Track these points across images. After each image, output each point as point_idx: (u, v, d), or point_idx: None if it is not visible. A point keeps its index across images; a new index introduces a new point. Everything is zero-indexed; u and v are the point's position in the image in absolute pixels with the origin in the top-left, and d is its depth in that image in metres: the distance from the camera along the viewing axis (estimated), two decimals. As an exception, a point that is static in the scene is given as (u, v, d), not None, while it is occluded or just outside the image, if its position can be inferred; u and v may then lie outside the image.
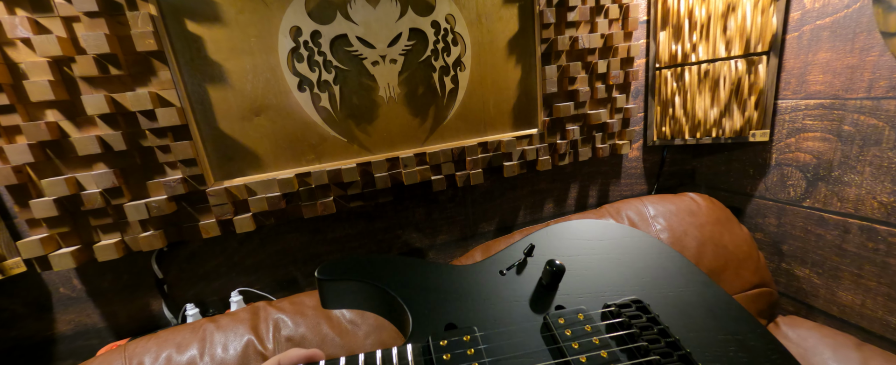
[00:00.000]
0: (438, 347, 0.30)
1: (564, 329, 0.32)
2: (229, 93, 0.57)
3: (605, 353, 0.30)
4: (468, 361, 0.29)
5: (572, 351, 0.30)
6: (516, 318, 0.35)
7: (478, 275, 0.39)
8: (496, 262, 0.41)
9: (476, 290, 0.37)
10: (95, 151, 0.52)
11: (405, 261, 0.40)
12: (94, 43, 0.49)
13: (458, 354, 0.29)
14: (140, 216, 0.55)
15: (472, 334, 0.31)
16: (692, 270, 0.42)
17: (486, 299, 0.36)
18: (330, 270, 0.38)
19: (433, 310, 0.35)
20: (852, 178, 0.67)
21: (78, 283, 0.59)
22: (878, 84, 0.61)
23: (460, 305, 0.35)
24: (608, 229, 0.46)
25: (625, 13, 0.75)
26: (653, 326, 0.33)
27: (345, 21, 0.60)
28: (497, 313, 0.35)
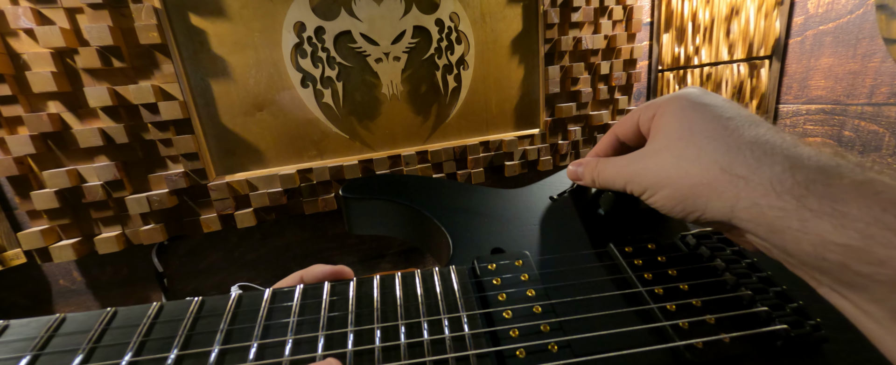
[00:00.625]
0: (486, 271, 0.26)
1: (633, 258, 0.28)
2: (232, 87, 0.57)
3: (686, 285, 0.26)
4: (522, 287, 0.25)
5: (646, 282, 0.26)
6: (574, 246, 0.30)
7: (525, 199, 0.34)
8: (545, 187, 0.36)
9: (524, 214, 0.32)
10: (97, 144, 0.52)
11: (440, 181, 0.36)
12: (98, 35, 0.49)
13: (509, 279, 0.25)
14: (141, 209, 0.54)
15: (525, 259, 0.27)
16: None
17: (535, 225, 0.31)
18: (356, 188, 0.34)
19: (476, 233, 0.30)
20: (851, 183, 0.67)
21: (78, 275, 0.59)
22: (879, 90, 0.61)
23: (507, 230, 0.31)
24: None
25: (629, 15, 0.75)
26: (740, 260, 0.28)
27: (349, 17, 0.59)
28: (550, 240, 0.30)
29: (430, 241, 0.33)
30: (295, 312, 0.22)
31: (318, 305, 0.23)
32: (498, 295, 0.24)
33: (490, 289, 0.25)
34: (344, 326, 0.22)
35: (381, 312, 0.22)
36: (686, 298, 0.25)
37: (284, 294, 0.23)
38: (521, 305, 0.24)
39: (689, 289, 0.26)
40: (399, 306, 0.23)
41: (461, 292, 0.24)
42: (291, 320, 0.22)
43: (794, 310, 0.25)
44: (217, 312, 0.22)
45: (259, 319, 0.21)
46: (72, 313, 0.23)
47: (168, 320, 0.22)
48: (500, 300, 0.24)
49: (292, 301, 0.23)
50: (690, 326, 0.23)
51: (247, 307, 0.23)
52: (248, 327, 0.21)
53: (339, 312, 0.22)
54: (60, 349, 0.20)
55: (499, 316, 0.23)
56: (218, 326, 0.21)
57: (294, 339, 0.21)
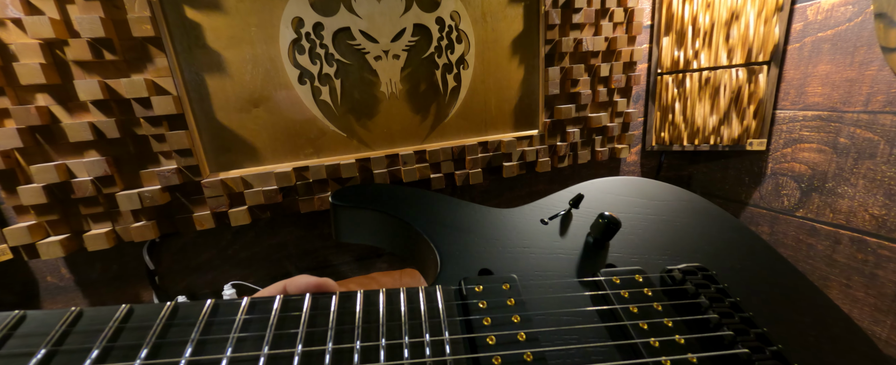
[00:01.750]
0: (473, 292, 0.25)
1: (620, 290, 0.28)
2: (227, 83, 0.56)
3: (670, 321, 0.26)
4: (508, 313, 0.24)
5: (630, 315, 0.26)
6: (561, 272, 0.29)
7: (516, 220, 0.34)
8: (536, 209, 0.36)
9: (514, 236, 0.32)
10: (87, 138, 0.50)
11: (433, 195, 0.35)
12: (89, 26, 0.47)
13: (495, 303, 0.25)
14: (132, 206, 0.53)
15: (512, 283, 0.26)
16: (762, 246, 0.36)
17: (525, 248, 0.31)
18: (347, 196, 0.33)
19: (465, 252, 0.30)
20: (846, 190, 0.68)
21: (66, 272, 0.58)
22: (875, 98, 0.62)
23: (496, 251, 0.30)
24: (661, 189, 0.41)
25: (629, 17, 0.75)
26: (723, 298, 0.28)
27: (348, 14, 0.59)
28: (538, 265, 0.30)
29: (417, 255, 0.33)
30: (272, 324, 0.21)
31: (297, 319, 0.22)
32: (483, 319, 0.24)
33: (475, 312, 0.24)
34: (323, 344, 0.21)
35: (363, 329, 0.22)
36: (669, 335, 0.25)
37: (263, 304, 0.22)
38: (505, 331, 0.23)
39: (672, 325, 0.26)
40: (381, 325, 0.22)
41: (446, 314, 0.24)
42: (268, 334, 0.20)
43: (773, 354, 0.25)
44: (190, 320, 0.21)
45: (233, 330, 0.20)
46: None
47: (136, 327, 0.20)
48: (485, 325, 0.24)
49: (270, 312, 0.22)
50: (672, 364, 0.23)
51: (223, 316, 0.21)
52: (220, 339, 0.20)
53: (319, 327, 0.21)
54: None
55: (482, 342, 0.22)
56: (189, 335, 0.20)
57: (269, 353, 0.19)
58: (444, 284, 0.26)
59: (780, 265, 0.35)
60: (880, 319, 0.66)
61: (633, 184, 0.41)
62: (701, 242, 0.36)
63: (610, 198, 0.39)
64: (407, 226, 0.32)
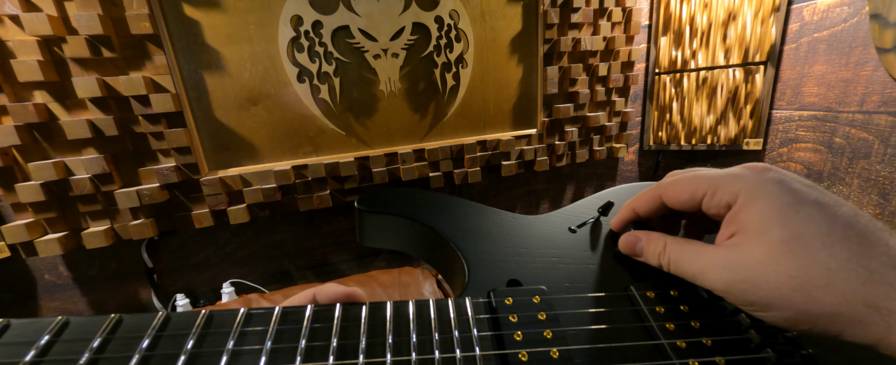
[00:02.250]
0: (503, 306, 0.24)
1: (655, 305, 0.26)
2: (226, 81, 0.56)
3: (709, 340, 0.24)
4: (540, 328, 0.23)
5: (668, 333, 0.25)
6: (591, 284, 0.28)
7: (544, 228, 0.33)
8: (564, 216, 0.35)
9: (543, 245, 0.31)
10: (85, 136, 0.50)
11: (458, 200, 0.35)
12: (87, 23, 0.47)
13: (526, 317, 0.24)
14: (131, 204, 0.53)
15: (543, 296, 0.26)
16: None
17: (553, 257, 0.30)
18: (372, 201, 0.33)
19: (493, 261, 0.29)
20: (841, 189, 0.68)
21: (64, 270, 0.58)
22: (870, 98, 0.62)
23: (524, 260, 0.30)
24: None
25: (628, 17, 0.75)
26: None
27: (347, 12, 0.59)
28: (568, 276, 0.29)
29: (443, 262, 0.33)
30: (305, 335, 0.21)
31: (329, 330, 0.22)
32: (514, 334, 0.23)
33: (506, 327, 0.24)
34: (355, 357, 0.20)
35: (394, 343, 0.22)
36: (710, 356, 0.24)
37: (295, 313, 0.22)
38: (538, 348, 0.23)
39: (712, 344, 0.24)
40: (412, 340, 0.22)
41: (476, 329, 0.23)
42: (300, 344, 0.21)
43: (804, 357, 0.24)
44: (224, 329, 0.21)
45: (267, 339, 0.20)
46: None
47: (172, 335, 0.20)
48: (516, 340, 0.23)
49: (302, 323, 0.22)
50: None
51: (256, 325, 0.21)
52: (255, 350, 0.20)
53: (351, 340, 0.21)
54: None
55: (515, 358, 0.22)
56: (225, 344, 0.20)
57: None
58: (472, 295, 0.26)
59: None
60: (874, 316, 0.67)
61: None
62: None
63: None
64: (433, 232, 0.32)
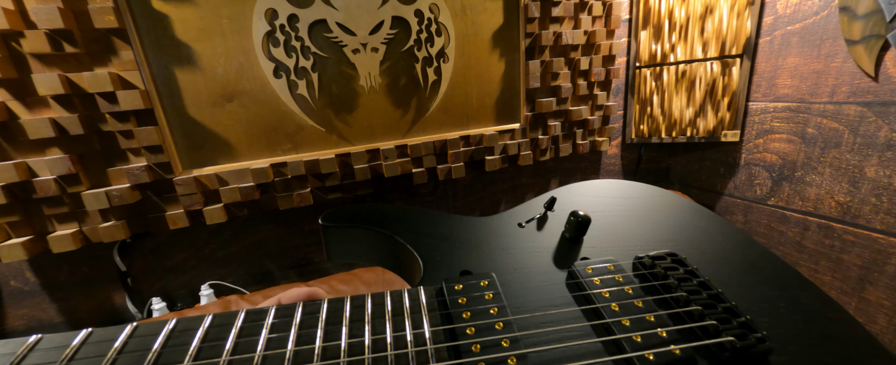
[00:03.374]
0: (453, 291, 0.27)
1: (592, 278, 0.29)
2: (199, 76, 0.54)
3: (640, 302, 0.27)
4: (486, 306, 0.26)
5: (602, 299, 0.28)
6: (538, 268, 0.32)
7: (494, 226, 0.36)
8: (514, 215, 0.38)
9: (493, 240, 0.34)
10: (48, 135, 0.48)
11: (415, 210, 0.38)
12: (46, 17, 0.45)
13: (474, 298, 0.26)
14: (100, 205, 0.51)
15: (490, 280, 0.28)
16: (731, 229, 0.38)
17: (503, 250, 0.33)
18: (335, 217, 0.35)
19: (446, 257, 0.32)
20: (813, 178, 0.70)
21: (31, 275, 0.56)
22: (840, 89, 0.64)
23: (476, 254, 0.33)
24: (635, 188, 0.43)
25: (608, 11, 0.76)
26: (691, 278, 0.30)
27: (324, 6, 0.57)
28: (516, 264, 0.32)
29: (403, 266, 0.35)
30: (267, 328, 0.23)
31: (289, 323, 0.24)
32: (462, 312, 0.25)
33: (455, 307, 0.26)
34: (312, 343, 0.23)
35: (350, 328, 0.24)
36: (640, 314, 0.27)
37: (257, 313, 0.24)
38: (483, 320, 0.25)
39: (643, 305, 0.27)
40: (367, 323, 0.24)
41: (427, 310, 0.25)
42: (261, 337, 0.23)
43: (741, 324, 0.27)
44: (190, 328, 0.23)
45: (229, 337, 0.23)
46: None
47: (134, 349, 0.22)
48: (465, 317, 0.25)
49: (264, 319, 0.24)
50: (643, 340, 0.25)
51: (220, 323, 0.24)
52: (219, 345, 0.22)
53: (309, 329, 0.24)
54: None
55: (462, 332, 0.24)
56: (191, 342, 0.22)
57: (264, 354, 0.22)
58: (426, 286, 0.28)
59: (751, 247, 0.37)
60: (845, 301, 0.69)
61: (606, 185, 0.44)
62: (673, 232, 0.38)
63: (584, 199, 0.42)
64: (391, 239, 0.34)
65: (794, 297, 0.31)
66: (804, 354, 0.26)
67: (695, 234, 0.37)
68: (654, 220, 0.39)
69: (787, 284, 0.33)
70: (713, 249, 0.36)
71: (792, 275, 0.34)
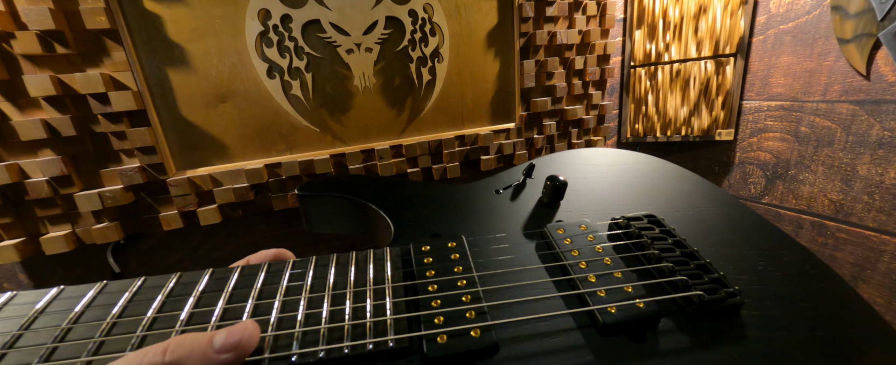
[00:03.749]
0: (419, 251, 0.27)
1: (563, 238, 0.29)
2: (192, 77, 0.54)
3: (609, 259, 0.27)
4: (451, 264, 0.26)
5: (571, 258, 0.28)
6: (509, 230, 0.31)
7: (470, 192, 0.36)
8: (491, 182, 0.38)
9: (467, 205, 0.34)
10: (40, 137, 0.48)
11: (391, 179, 0.38)
12: (37, 18, 0.45)
13: (440, 258, 0.26)
14: (93, 207, 0.51)
15: (458, 241, 0.28)
16: (716, 191, 0.38)
17: (477, 214, 0.33)
18: (310, 186, 0.36)
19: (417, 222, 0.32)
20: (807, 176, 0.71)
21: (24, 277, 0.55)
22: (832, 88, 0.64)
23: (448, 219, 0.32)
24: (620, 155, 0.43)
25: (602, 10, 0.76)
26: (666, 237, 0.30)
27: (317, 6, 0.57)
28: (488, 227, 0.32)
29: (377, 232, 0.35)
30: (230, 286, 0.24)
31: (253, 279, 0.25)
32: (426, 271, 0.26)
33: (420, 265, 0.26)
34: (273, 297, 0.23)
35: (310, 285, 0.24)
36: (608, 270, 0.27)
37: (223, 272, 0.26)
38: (446, 277, 0.25)
39: (611, 262, 0.27)
40: (328, 282, 0.24)
41: (391, 268, 0.26)
42: (224, 292, 0.24)
43: (713, 280, 0.27)
44: (158, 285, 0.25)
45: (194, 293, 0.24)
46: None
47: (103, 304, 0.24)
48: (428, 275, 0.25)
49: (230, 277, 0.25)
50: (607, 294, 0.25)
51: (187, 280, 0.25)
52: (183, 297, 0.24)
53: (272, 285, 0.24)
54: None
55: (423, 288, 0.24)
56: (156, 296, 0.24)
57: (224, 307, 0.23)
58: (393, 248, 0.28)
59: (736, 209, 0.36)
60: (839, 298, 0.69)
61: (589, 152, 0.43)
62: (654, 196, 0.37)
63: (566, 167, 0.42)
64: (365, 206, 0.34)
65: (776, 255, 0.31)
66: (778, 308, 0.26)
67: (677, 196, 0.37)
68: (635, 185, 0.39)
69: (770, 244, 0.32)
70: (694, 211, 0.35)
71: (776, 234, 0.33)
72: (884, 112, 0.59)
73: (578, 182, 0.38)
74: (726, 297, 0.25)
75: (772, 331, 0.24)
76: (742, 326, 0.24)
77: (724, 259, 0.30)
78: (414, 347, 0.21)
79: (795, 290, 0.28)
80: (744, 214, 0.36)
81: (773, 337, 0.24)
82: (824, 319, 0.25)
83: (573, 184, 0.37)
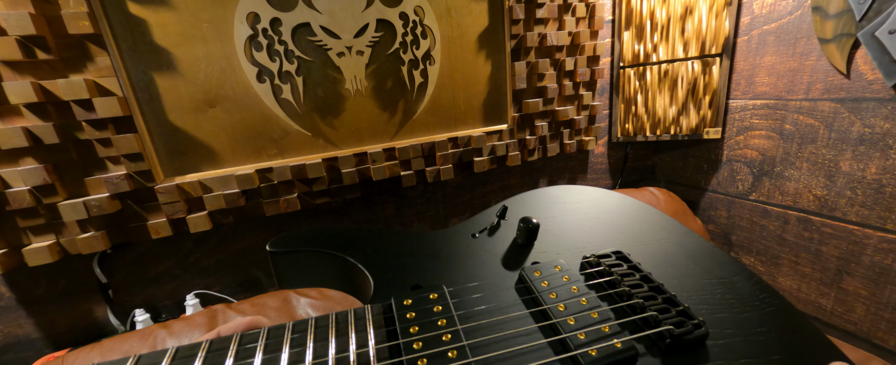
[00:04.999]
0: (401, 306, 0.27)
1: (540, 281, 0.30)
2: (180, 82, 0.53)
3: (585, 300, 0.28)
4: (434, 318, 0.26)
5: (549, 301, 0.28)
6: (489, 276, 0.32)
7: (447, 239, 0.37)
8: (467, 226, 0.39)
9: (445, 252, 0.35)
10: (22, 145, 0.46)
11: (364, 229, 0.37)
12: (17, 23, 0.44)
13: (423, 311, 0.26)
14: (77, 216, 0.50)
15: (440, 292, 0.28)
16: (672, 224, 0.41)
17: (456, 261, 0.34)
18: (282, 242, 0.35)
19: (397, 273, 0.32)
20: (792, 173, 0.72)
21: (6, 290, 0.54)
22: (815, 87, 0.66)
23: (427, 267, 0.33)
24: (584, 192, 0.45)
25: (591, 12, 0.77)
26: (634, 273, 0.32)
27: (307, 9, 0.57)
28: (468, 273, 0.32)
29: (356, 285, 0.35)
30: (200, 358, 0.22)
31: (223, 355, 0.22)
32: (410, 327, 0.25)
33: (403, 322, 0.26)
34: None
35: (291, 355, 0.23)
36: (585, 311, 0.28)
37: (188, 348, 0.23)
38: (431, 333, 0.25)
39: (588, 302, 0.29)
40: (307, 356, 0.23)
41: (374, 327, 0.25)
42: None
43: (679, 312, 0.28)
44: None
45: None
46: None
47: None
48: (412, 332, 0.25)
49: (195, 356, 0.22)
50: (587, 336, 0.26)
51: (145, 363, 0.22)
52: None
53: (245, 360, 0.22)
54: None
55: (408, 346, 0.24)
56: None
57: None
58: (377, 303, 0.28)
59: (689, 239, 0.39)
60: (825, 291, 0.71)
61: (556, 191, 0.46)
62: (619, 231, 0.40)
63: (536, 207, 0.43)
64: (340, 260, 0.34)
65: (729, 282, 0.33)
66: (739, 336, 0.28)
67: (639, 230, 0.40)
68: (602, 221, 0.41)
69: (723, 271, 0.35)
70: (656, 245, 0.38)
71: (727, 261, 0.36)
72: (864, 109, 0.61)
73: (549, 221, 0.40)
74: (693, 328, 0.27)
75: (736, 358, 0.26)
76: (709, 356, 0.26)
77: (687, 290, 0.32)
78: None
79: (751, 315, 0.30)
80: (698, 244, 0.38)
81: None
82: (778, 344, 0.28)
83: (544, 223, 0.39)
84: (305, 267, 0.35)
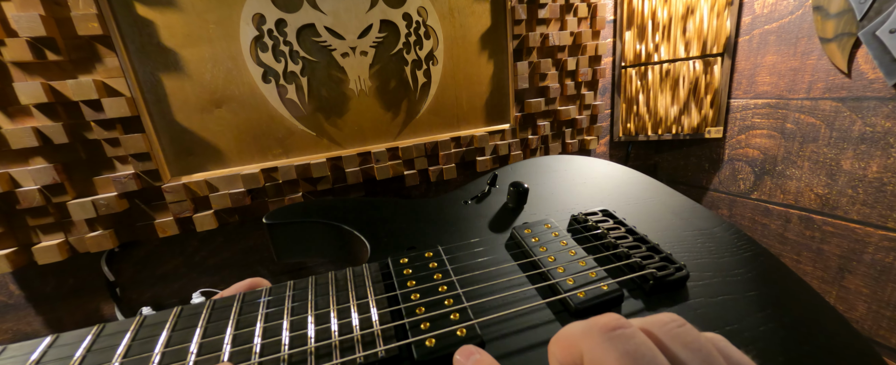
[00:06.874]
0: (398, 264, 0.28)
1: (531, 238, 0.32)
2: (186, 83, 0.54)
3: (573, 251, 0.30)
4: (430, 272, 0.27)
5: (539, 253, 0.30)
6: (481, 236, 0.34)
7: (440, 205, 0.39)
8: (459, 194, 0.41)
9: (438, 217, 0.36)
10: (32, 144, 0.47)
11: (358, 199, 0.39)
12: (27, 24, 0.44)
13: (419, 267, 0.28)
14: (86, 215, 0.50)
15: (435, 251, 0.30)
16: (656, 185, 0.44)
17: (449, 225, 0.36)
18: (278, 214, 0.36)
19: (392, 237, 0.33)
20: (793, 172, 0.72)
21: (15, 288, 0.54)
22: (816, 86, 0.66)
23: (421, 231, 0.34)
24: (573, 160, 0.47)
25: (593, 12, 0.77)
26: (620, 227, 0.34)
27: (312, 10, 0.57)
28: (461, 236, 0.34)
29: (353, 253, 0.36)
30: (204, 319, 0.23)
31: (228, 311, 0.24)
32: (407, 281, 0.27)
33: (400, 277, 0.27)
34: (253, 325, 0.23)
35: (292, 308, 0.24)
36: (573, 260, 0.30)
37: (193, 307, 0.24)
38: (427, 284, 0.26)
39: (575, 253, 0.30)
40: (310, 303, 0.24)
41: (372, 282, 0.26)
42: (199, 328, 0.23)
43: (662, 258, 0.31)
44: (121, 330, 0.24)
45: (165, 329, 0.23)
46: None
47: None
48: (409, 286, 0.26)
49: (201, 311, 0.24)
50: (575, 281, 0.28)
51: (152, 322, 0.24)
52: (151, 338, 0.23)
53: (250, 313, 0.24)
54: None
55: (406, 297, 0.25)
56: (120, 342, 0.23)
57: (200, 342, 0.22)
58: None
59: (674, 199, 0.42)
60: (827, 290, 0.71)
61: (545, 160, 0.48)
62: (606, 194, 0.42)
63: (527, 175, 0.45)
64: (336, 228, 0.35)
65: (710, 232, 0.36)
66: (718, 277, 0.30)
67: (625, 192, 0.42)
68: (589, 184, 0.43)
69: (705, 224, 0.37)
70: (641, 203, 0.40)
71: (709, 215, 0.39)
72: (865, 108, 0.61)
73: (539, 186, 0.42)
74: (675, 271, 0.29)
75: (714, 296, 0.28)
76: (689, 295, 0.28)
77: (671, 240, 0.35)
78: (403, 354, 0.22)
79: (730, 259, 0.32)
80: (681, 201, 0.41)
81: (716, 301, 0.28)
82: (755, 281, 0.30)
83: (534, 188, 0.41)
84: (301, 238, 0.36)
